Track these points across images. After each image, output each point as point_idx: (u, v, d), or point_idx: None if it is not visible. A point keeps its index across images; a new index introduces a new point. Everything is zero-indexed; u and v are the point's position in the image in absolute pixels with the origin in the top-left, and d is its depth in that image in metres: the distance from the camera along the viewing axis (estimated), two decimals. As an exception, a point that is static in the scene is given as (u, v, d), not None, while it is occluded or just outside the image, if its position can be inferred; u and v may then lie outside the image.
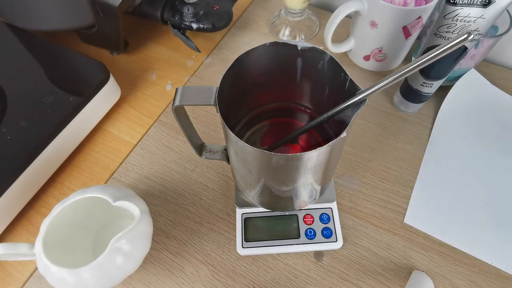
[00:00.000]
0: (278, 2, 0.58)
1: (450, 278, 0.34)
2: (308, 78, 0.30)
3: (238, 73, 0.27)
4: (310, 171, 0.25)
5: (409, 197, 0.38)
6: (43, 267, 0.28)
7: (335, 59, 0.25)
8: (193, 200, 0.39)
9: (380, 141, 0.42)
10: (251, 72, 0.29)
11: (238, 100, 0.30)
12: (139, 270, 0.35)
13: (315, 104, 0.34)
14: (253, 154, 0.24)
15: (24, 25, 0.45)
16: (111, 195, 0.30)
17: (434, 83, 0.38)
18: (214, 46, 0.53)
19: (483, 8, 0.30)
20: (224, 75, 0.25)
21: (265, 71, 0.29)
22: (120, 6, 0.41)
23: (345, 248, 0.35)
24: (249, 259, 0.35)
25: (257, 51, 0.27)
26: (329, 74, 0.27)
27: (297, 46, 0.27)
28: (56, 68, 0.43)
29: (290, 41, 0.26)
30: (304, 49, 0.27)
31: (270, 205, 0.35)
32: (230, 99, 0.27)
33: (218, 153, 0.33)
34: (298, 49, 0.27)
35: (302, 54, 0.27)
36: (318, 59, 0.27)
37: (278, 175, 0.26)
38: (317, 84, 0.30)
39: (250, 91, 0.31)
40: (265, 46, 0.26)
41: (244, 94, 0.31)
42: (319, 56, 0.27)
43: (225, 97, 0.25)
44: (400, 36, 0.42)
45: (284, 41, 0.26)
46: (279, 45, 0.27)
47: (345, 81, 0.25)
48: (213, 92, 0.24)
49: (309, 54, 0.27)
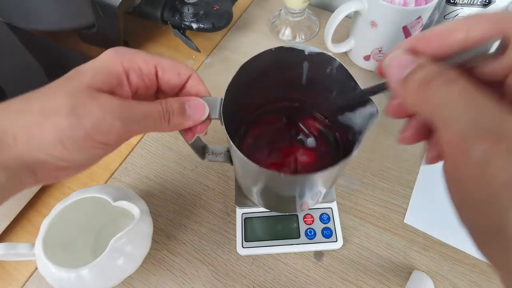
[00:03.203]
0: (278, 2, 0.58)
1: (450, 278, 0.34)
2: (314, 83, 0.29)
3: (242, 82, 0.26)
4: (318, 184, 0.25)
5: (409, 197, 0.38)
6: (43, 267, 0.28)
7: (344, 66, 0.24)
8: (193, 200, 0.39)
9: (380, 141, 0.42)
10: (255, 79, 0.28)
11: (241, 106, 0.29)
12: (139, 270, 0.35)
13: (319, 109, 0.33)
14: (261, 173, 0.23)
15: (24, 25, 0.45)
16: (111, 195, 0.30)
17: (434, 83, 0.38)
18: (214, 46, 0.53)
19: (483, 8, 0.30)
20: (228, 87, 0.24)
21: (270, 76, 0.28)
22: (120, 6, 0.41)
23: (345, 248, 0.35)
24: (249, 259, 0.35)
25: (261, 58, 0.25)
26: (337, 81, 0.26)
27: (304, 51, 0.25)
28: (56, 68, 0.43)
29: (296, 46, 0.25)
30: (311, 54, 0.25)
31: (272, 207, 0.35)
32: (233, 107, 0.25)
33: (221, 155, 0.32)
34: (306, 54, 0.26)
35: (309, 58, 0.26)
36: (326, 64, 0.26)
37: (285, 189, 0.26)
38: (323, 90, 0.29)
39: (253, 96, 0.30)
40: (269, 52, 0.25)
41: (248, 100, 0.30)
42: (328, 62, 0.25)
43: (228, 106, 0.24)
44: (400, 36, 0.42)
45: (291, 45, 0.25)
46: (284, 50, 0.25)
47: (354, 89, 0.24)
48: (217, 105, 0.23)
49: (316, 59, 0.26)
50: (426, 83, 0.14)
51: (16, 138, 0.17)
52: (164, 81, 0.22)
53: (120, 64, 0.20)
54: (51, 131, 0.17)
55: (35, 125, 0.17)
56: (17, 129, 0.17)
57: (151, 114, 0.20)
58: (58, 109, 0.17)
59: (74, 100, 0.18)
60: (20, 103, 0.18)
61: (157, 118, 0.20)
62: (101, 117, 0.18)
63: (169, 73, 0.22)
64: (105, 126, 0.18)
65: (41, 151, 0.17)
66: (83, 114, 0.17)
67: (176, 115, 0.21)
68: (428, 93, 0.14)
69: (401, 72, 0.15)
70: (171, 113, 0.21)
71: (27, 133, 0.17)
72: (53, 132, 0.17)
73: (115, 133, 0.18)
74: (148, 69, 0.21)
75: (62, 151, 0.18)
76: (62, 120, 0.17)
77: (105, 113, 0.18)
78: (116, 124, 0.18)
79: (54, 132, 0.17)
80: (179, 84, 0.22)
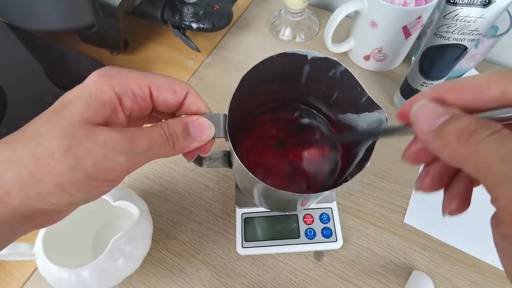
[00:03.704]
0: (278, 2, 0.58)
1: (450, 278, 0.34)
2: (317, 88, 0.28)
3: (244, 93, 0.24)
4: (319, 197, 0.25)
5: (409, 197, 0.38)
6: (43, 267, 0.28)
7: (350, 71, 0.24)
8: (193, 200, 0.39)
9: (380, 141, 0.42)
10: (257, 87, 0.27)
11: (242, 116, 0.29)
12: (139, 270, 0.35)
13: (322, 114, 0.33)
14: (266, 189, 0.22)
15: (24, 25, 0.45)
16: (111, 195, 0.30)
17: (434, 83, 0.38)
18: (214, 46, 0.53)
19: (483, 8, 0.30)
20: (231, 101, 0.23)
21: (272, 83, 0.28)
22: (120, 6, 0.41)
23: (345, 248, 0.35)
24: (249, 259, 0.35)
25: (263, 66, 0.24)
26: (342, 87, 0.25)
27: (307, 56, 0.24)
28: (56, 68, 0.43)
29: (299, 51, 0.24)
30: (314, 59, 0.25)
31: (271, 207, 0.35)
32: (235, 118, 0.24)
33: (219, 160, 0.32)
34: (308, 59, 0.25)
35: (312, 62, 0.25)
36: (329, 69, 0.25)
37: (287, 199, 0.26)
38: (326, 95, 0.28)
39: (255, 104, 0.30)
40: (271, 59, 0.24)
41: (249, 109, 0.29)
42: (332, 67, 0.25)
43: (230, 119, 0.22)
44: (400, 36, 0.42)
45: (294, 51, 0.24)
46: (286, 55, 0.24)
47: (361, 96, 0.23)
48: (221, 122, 0.22)
49: (320, 64, 0.25)
50: (468, 133, 0.13)
51: (9, 192, 0.15)
52: (159, 102, 0.20)
53: (111, 89, 0.18)
54: (48, 179, 0.16)
55: (29, 176, 0.15)
56: (8, 182, 0.15)
57: (156, 142, 0.18)
58: (52, 153, 0.15)
59: (68, 140, 0.16)
60: (5, 151, 0.16)
61: (162, 145, 0.19)
62: (102, 155, 0.16)
63: (164, 92, 0.20)
64: (108, 165, 0.16)
65: (40, 201, 0.16)
66: (82, 154, 0.16)
67: (180, 138, 0.19)
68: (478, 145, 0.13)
69: (433, 122, 0.14)
70: (175, 137, 0.19)
71: (20, 186, 0.15)
72: (50, 180, 0.16)
73: (119, 170, 0.17)
74: (141, 91, 0.19)
75: (63, 197, 0.16)
76: (58, 165, 0.15)
77: (107, 151, 0.16)
78: (120, 160, 0.17)
79: (52, 180, 0.16)
80: (176, 103, 0.21)
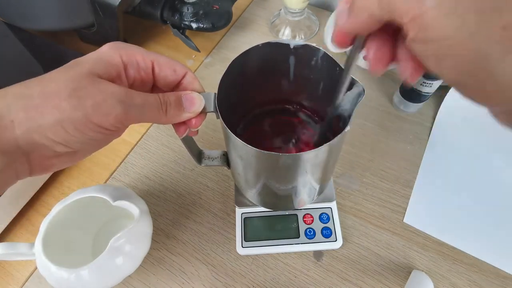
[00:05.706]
0: (278, 2, 0.58)
1: (449, 277, 0.34)
2: (303, 75, 0.30)
3: (234, 77, 0.27)
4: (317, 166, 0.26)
5: (409, 196, 0.38)
6: (43, 267, 0.28)
7: (328, 54, 0.26)
8: (193, 200, 0.39)
9: (380, 140, 0.42)
10: (247, 74, 0.29)
11: (235, 102, 0.30)
12: (139, 270, 0.35)
13: (311, 101, 0.34)
14: (259, 156, 0.23)
15: (24, 25, 0.45)
16: (110, 195, 0.30)
17: (434, 82, 0.38)
18: (214, 46, 0.53)
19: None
20: (220, 80, 0.25)
21: (261, 71, 0.29)
22: (119, 5, 0.41)
23: (345, 248, 0.35)
24: (249, 258, 0.35)
25: (251, 53, 0.27)
26: (324, 70, 0.27)
27: (290, 45, 0.27)
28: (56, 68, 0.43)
29: (282, 40, 0.27)
30: (297, 47, 0.27)
31: (270, 204, 0.35)
32: (228, 103, 0.27)
33: (217, 159, 0.33)
34: (291, 48, 0.27)
35: (295, 52, 0.27)
36: (311, 55, 0.27)
37: (283, 174, 0.26)
38: (312, 81, 0.30)
39: (247, 92, 0.31)
40: (257, 48, 0.27)
41: (241, 96, 0.31)
42: (313, 52, 0.27)
43: (223, 101, 0.25)
44: (399, 35, 0.42)
45: (276, 40, 0.27)
46: (271, 45, 0.27)
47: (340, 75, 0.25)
48: (212, 99, 0.24)
49: (302, 51, 0.27)
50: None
51: (14, 121, 0.17)
52: (160, 77, 0.23)
53: (119, 56, 0.20)
54: (51, 113, 0.17)
55: (35, 108, 0.17)
56: (15, 112, 0.17)
57: (150, 103, 0.20)
58: (59, 92, 0.18)
59: (75, 84, 0.18)
60: (19, 88, 0.18)
61: (155, 108, 0.21)
62: (102, 99, 0.18)
63: (165, 69, 0.22)
64: (105, 108, 0.18)
65: (40, 134, 0.18)
66: (84, 96, 0.18)
67: (173, 106, 0.22)
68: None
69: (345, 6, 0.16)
70: (168, 105, 0.21)
71: (26, 115, 0.17)
72: (53, 114, 0.17)
73: (114, 116, 0.19)
74: (145, 64, 0.22)
75: (60, 133, 0.18)
76: (63, 102, 0.17)
77: (106, 96, 0.18)
78: (116, 107, 0.19)
79: (54, 114, 0.17)
80: (175, 80, 0.23)
